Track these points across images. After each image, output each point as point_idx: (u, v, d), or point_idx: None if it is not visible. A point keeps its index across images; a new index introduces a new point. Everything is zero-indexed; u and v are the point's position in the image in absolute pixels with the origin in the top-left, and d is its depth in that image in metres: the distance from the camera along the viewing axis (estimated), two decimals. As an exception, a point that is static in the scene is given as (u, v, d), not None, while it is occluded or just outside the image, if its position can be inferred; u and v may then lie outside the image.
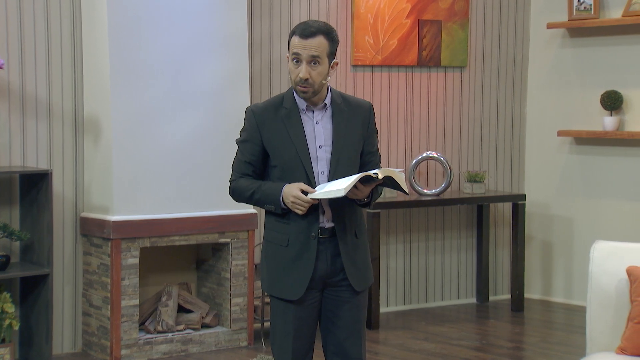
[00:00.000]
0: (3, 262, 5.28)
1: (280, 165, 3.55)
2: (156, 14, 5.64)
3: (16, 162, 5.56)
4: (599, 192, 7.13)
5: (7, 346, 5.27)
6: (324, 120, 3.58)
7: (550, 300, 7.41)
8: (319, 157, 3.55)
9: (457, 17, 7.11)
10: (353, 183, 3.36)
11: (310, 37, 3.49)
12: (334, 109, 3.59)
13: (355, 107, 3.64)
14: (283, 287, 3.56)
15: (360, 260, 3.61)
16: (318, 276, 3.55)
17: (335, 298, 3.58)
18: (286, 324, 3.56)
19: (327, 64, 3.53)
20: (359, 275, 3.60)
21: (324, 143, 3.56)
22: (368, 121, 3.65)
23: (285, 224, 3.55)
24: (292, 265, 3.54)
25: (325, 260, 3.55)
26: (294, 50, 3.51)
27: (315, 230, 3.52)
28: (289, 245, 3.54)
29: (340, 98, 3.63)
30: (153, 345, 5.68)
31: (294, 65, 3.52)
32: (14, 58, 5.54)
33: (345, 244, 3.55)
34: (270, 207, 3.54)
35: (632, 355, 3.82)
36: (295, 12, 6.49)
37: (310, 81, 3.49)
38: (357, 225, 3.61)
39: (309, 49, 3.48)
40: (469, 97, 7.28)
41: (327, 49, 3.52)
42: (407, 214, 7.06)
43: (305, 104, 3.57)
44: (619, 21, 6.84)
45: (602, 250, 4.09)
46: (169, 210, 5.67)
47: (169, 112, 5.66)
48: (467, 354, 5.88)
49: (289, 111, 3.56)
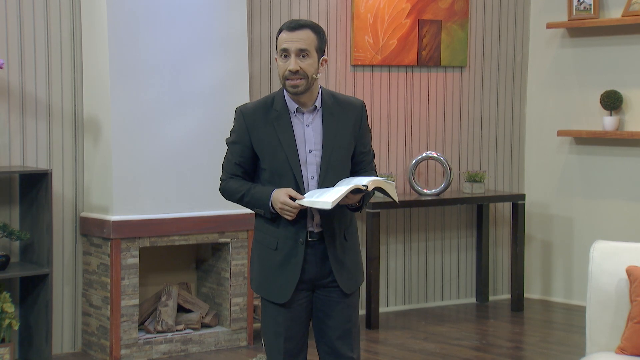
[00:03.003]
0: (3, 262, 5.28)
1: (270, 169, 3.51)
2: (156, 14, 5.64)
3: (16, 162, 5.56)
4: (599, 192, 7.13)
5: (7, 346, 5.27)
6: (314, 123, 3.52)
7: (550, 300, 7.41)
8: (308, 161, 3.50)
9: (457, 17, 7.11)
10: (341, 197, 3.33)
11: (298, 29, 3.44)
12: (324, 111, 3.52)
13: (346, 107, 3.56)
14: (271, 290, 3.55)
15: (350, 262, 3.58)
16: (307, 278, 3.53)
17: (326, 299, 3.57)
18: (277, 325, 3.55)
19: (316, 58, 3.45)
20: (348, 277, 3.57)
21: (313, 147, 3.50)
22: (360, 121, 3.58)
23: (274, 227, 3.54)
24: (279, 269, 3.53)
25: (314, 263, 3.53)
26: (282, 46, 3.44)
27: (303, 237, 3.50)
28: (277, 248, 3.53)
29: (331, 98, 3.56)
30: (153, 345, 5.68)
31: (282, 61, 3.44)
32: (14, 58, 5.55)
33: (333, 248, 3.53)
34: (259, 211, 3.54)
35: (631, 355, 3.82)
36: (295, 12, 6.49)
37: (301, 72, 3.41)
38: (346, 227, 3.58)
39: (296, 42, 3.41)
40: (469, 97, 7.28)
41: (316, 43, 3.45)
42: (406, 214, 7.05)
43: (296, 106, 3.51)
44: (619, 21, 6.84)
45: (602, 250, 4.09)
46: (168, 210, 5.67)
47: (169, 112, 5.67)
48: (466, 353, 5.88)
49: (279, 114, 3.50)
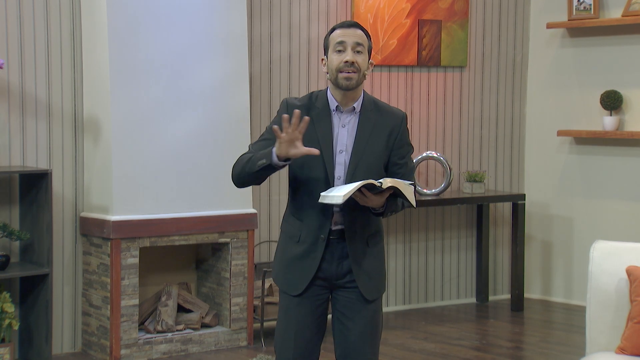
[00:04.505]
0: (3, 261, 5.28)
1: (300, 162, 3.50)
2: (156, 14, 5.64)
3: (16, 162, 5.56)
4: (599, 192, 7.13)
5: (7, 346, 5.27)
6: (350, 125, 3.54)
7: (550, 300, 7.41)
8: (337, 161, 3.52)
9: (457, 17, 7.11)
10: (353, 191, 3.32)
11: (353, 27, 3.52)
12: (362, 114, 3.55)
13: (385, 115, 3.58)
14: (286, 281, 3.59)
15: (372, 270, 3.58)
16: (324, 275, 3.55)
17: (345, 300, 3.57)
18: (288, 318, 3.58)
19: (367, 57, 3.53)
20: (370, 284, 3.57)
21: (344, 148, 3.53)
22: (398, 131, 3.58)
23: (299, 220, 3.56)
24: (298, 261, 3.56)
25: (332, 261, 3.54)
26: (337, 40, 3.49)
27: (325, 232, 3.52)
28: (300, 241, 3.56)
29: (372, 104, 3.59)
30: (153, 345, 5.68)
31: (336, 55, 3.49)
32: (14, 58, 5.54)
33: (354, 248, 3.53)
34: (262, 163, 3.41)
35: (631, 355, 3.82)
36: (295, 12, 6.49)
37: (357, 66, 3.47)
38: (370, 234, 3.57)
39: (353, 36, 3.49)
40: (469, 97, 7.28)
41: (367, 44, 3.54)
42: (407, 214, 7.05)
43: (336, 104, 3.54)
44: (619, 21, 6.84)
45: (602, 250, 4.09)
46: (168, 210, 5.67)
47: (169, 112, 5.67)
48: (467, 353, 5.88)
49: (320, 110, 3.54)
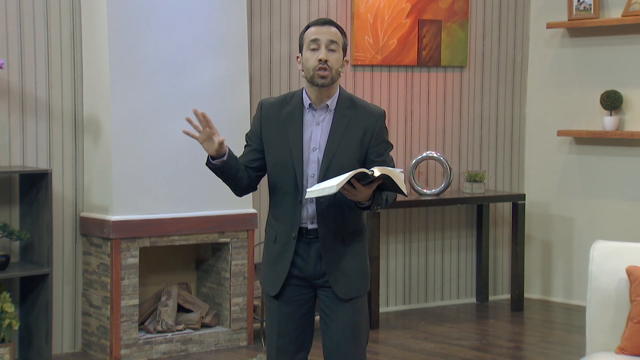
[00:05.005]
0: (3, 261, 5.28)
1: (273, 161, 3.55)
2: (156, 14, 5.64)
3: (16, 162, 5.56)
4: (599, 192, 7.13)
5: (6, 346, 5.27)
6: (324, 122, 3.53)
7: (549, 300, 7.41)
8: (311, 159, 3.51)
9: (457, 17, 7.11)
10: (347, 179, 3.30)
11: (327, 24, 3.53)
12: (337, 112, 3.53)
13: (361, 112, 3.56)
14: (265, 281, 3.63)
15: (350, 269, 3.54)
16: (303, 275, 3.54)
17: (326, 300, 3.56)
18: (272, 318, 3.62)
19: (341, 55, 3.52)
20: (346, 283, 3.53)
21: (318, 146, 3.51)
22: (374, 128, 3.54)
23: (275, 219, 3.60)
24: (274, 262, 3.59)
25: (309, 260, 3.53)
26: (311, 38, 3.49)
27: (295, 231, 3.51)
28: (276, 241, 3.58)
29: (348, 102, 3.56)
30: (153, 345, 5.68)
31: (311, 53, 3.49)
32: (14, 58, 5.54)
33: (327, 247, 3.51)
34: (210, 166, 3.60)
35: (631, 355, 3.82)
36: (295, 12, 6.49)
37: (330, 64, 3.47)
38: (347, 232, 3.54)
39: (327, 34, 3.49)
40: (469, 97, 7.28)
41: (342, 41, 3.53)
42: (406, 214, 7.05)
43: (309, 102, 3.53)
44: (619, 21, 6.84)
45: (602, 250, 4.09)
46: (168, 210, 5.67)
47: (169, 112, 5.66)
48: (466, 353, 5.88)
49: (293, 109, 3.55)
